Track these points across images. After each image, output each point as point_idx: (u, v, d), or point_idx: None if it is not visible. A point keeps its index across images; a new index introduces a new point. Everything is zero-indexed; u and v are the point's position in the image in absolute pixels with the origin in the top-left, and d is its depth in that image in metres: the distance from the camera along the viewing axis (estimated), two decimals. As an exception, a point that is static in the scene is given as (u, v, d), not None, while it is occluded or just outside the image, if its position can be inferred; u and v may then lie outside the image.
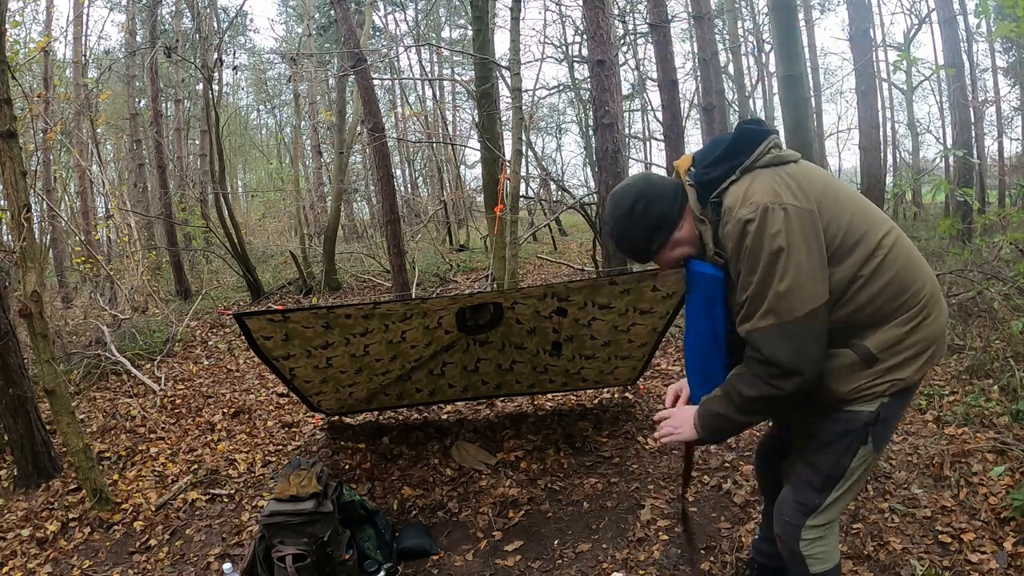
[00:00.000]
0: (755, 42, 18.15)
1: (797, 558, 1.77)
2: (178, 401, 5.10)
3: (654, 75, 11.98)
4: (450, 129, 20.18)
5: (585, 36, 10.95)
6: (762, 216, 1.46)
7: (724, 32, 14.83)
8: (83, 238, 9.07)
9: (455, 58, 20.67)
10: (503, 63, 9.18)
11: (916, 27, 15.64)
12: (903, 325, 1.56)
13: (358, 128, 11.58)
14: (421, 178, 21.59)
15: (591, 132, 8.46)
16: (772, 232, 1.45)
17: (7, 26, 3.37)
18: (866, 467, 1.68)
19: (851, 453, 1.64)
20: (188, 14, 12.47)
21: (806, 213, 1.48)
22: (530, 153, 12.71)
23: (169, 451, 4.09)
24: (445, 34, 21.14)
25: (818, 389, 1.60)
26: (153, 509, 3.33)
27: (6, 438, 3.81)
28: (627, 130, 19.39)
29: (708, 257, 1.66)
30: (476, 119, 10.47)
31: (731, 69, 15.81)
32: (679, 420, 1.77)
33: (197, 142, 15.98)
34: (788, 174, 1.54)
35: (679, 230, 1.67)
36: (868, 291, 1.54)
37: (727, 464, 3.32)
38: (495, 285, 6.63)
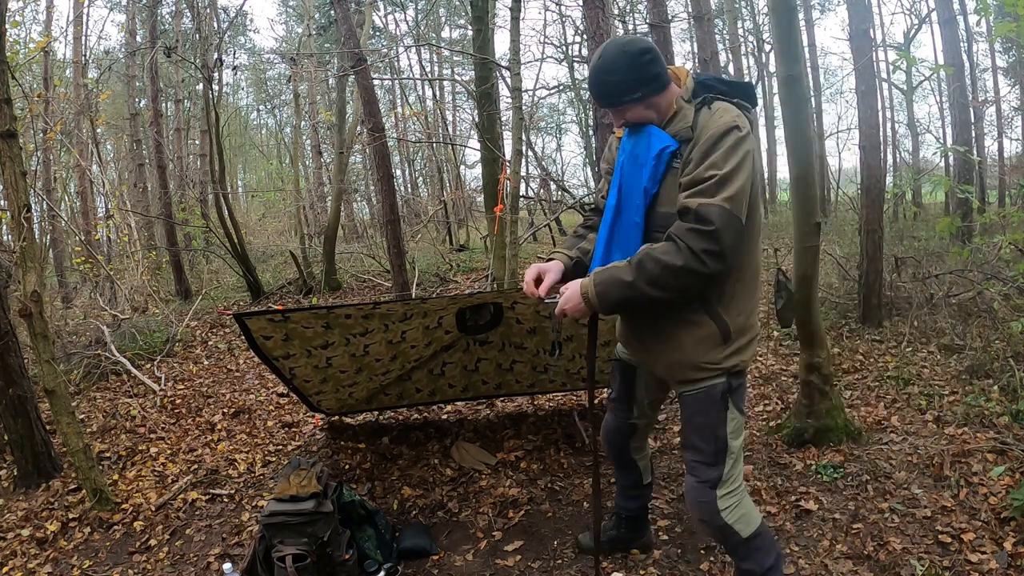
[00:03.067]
0: (755, 42, 18.15)
1: (725, 529, 1.90)
2: (178, 401, 5.10)
3: (654, 75, 11.94)
4: (450, 129, 20.15)
5: (585, 36, 10.95)
6: (747, 134, 1.68)
7: (724, 32, 14.83)
8: (83, 238, 9.07)
9: (455, 58, 20.68)
10: (503, 63, 9.18)
11: (916, 27, 15.62)
12: (749, 309, 1.82)
13: (358, 128, 11.57)
14: (421, 178, 21.57)
15: (591, 132, 8.46)
16: (749, 147, 1.67)
17: (7, 26, 3.37)
18: (741, 429, 1.93)
19: (722, 423, 1.86)
20: (188, 14, 12.46)
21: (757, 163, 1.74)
22: (530, 153, 12.71)
23: (169, 451, 4.09)
24: (445, 34, 21.14)
25: (678, 344, 1.83)
26: (153, 509, 3.32)
27: (6, 438, 3.81)
28: (627, 130, 19.31)
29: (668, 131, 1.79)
30: (476, 119, 10.47)
31: (731, 69, 15.82)
32: (564, 298, 1.80)
33: (197, 142, 15.97)
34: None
35: (661, 96, 1.78)
36: (745, 258, 1.76)
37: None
38: (495, 285, 6.63)
